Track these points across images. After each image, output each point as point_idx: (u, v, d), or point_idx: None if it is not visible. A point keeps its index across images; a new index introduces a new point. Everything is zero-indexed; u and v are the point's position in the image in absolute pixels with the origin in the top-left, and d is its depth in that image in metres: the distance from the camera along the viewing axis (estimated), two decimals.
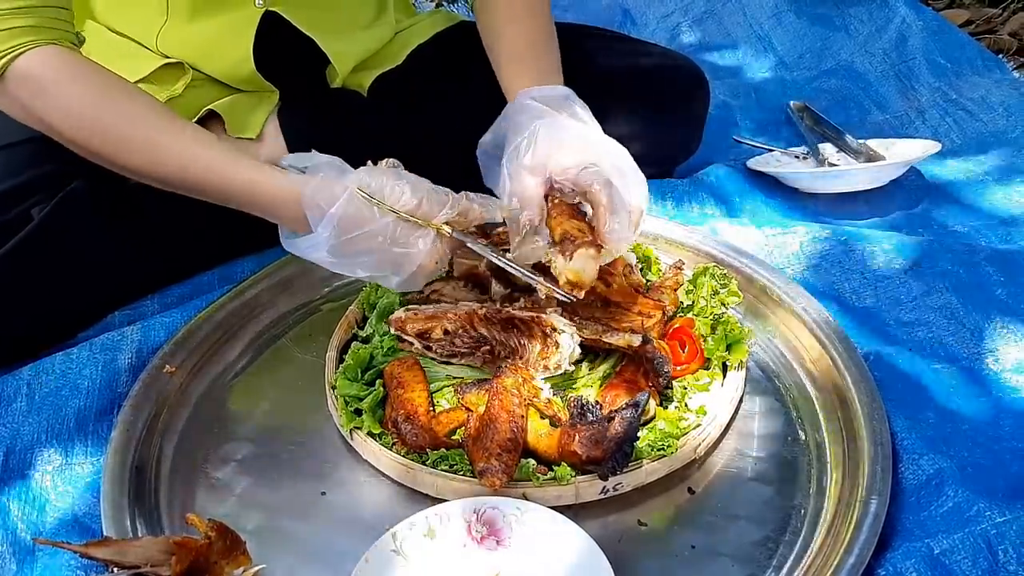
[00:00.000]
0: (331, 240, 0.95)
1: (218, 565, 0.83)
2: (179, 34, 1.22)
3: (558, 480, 0.90)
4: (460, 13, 1.84)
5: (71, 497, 0.97)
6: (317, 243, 0.96)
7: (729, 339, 1.03)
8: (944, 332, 1.09)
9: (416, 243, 0.96)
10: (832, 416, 1.00)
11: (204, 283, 1.25)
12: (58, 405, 1.04)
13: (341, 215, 0.94)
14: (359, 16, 1.33)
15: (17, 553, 0.91)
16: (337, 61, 1.27)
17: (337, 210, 0.94)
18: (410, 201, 0.95)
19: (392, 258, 0.96)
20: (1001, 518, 0.84)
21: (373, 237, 0.95)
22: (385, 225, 0.95)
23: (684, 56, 1.43)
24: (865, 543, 0.83)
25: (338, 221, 0.94)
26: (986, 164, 1.47)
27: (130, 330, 1.12)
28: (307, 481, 0.98)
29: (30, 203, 1.12)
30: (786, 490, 0.94)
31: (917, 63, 1.69)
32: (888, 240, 1.22)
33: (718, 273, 1.10)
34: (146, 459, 0.99)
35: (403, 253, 0.96)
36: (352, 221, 0.94)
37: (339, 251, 0.96)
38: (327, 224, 0.95)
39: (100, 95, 0.99)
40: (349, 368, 1.03)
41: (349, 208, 0.94)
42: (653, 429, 0.94)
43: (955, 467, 0.90)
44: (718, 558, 0.87)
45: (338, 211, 0.94)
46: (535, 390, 0.96)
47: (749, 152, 1.53)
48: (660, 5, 2.03)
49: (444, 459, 0.93)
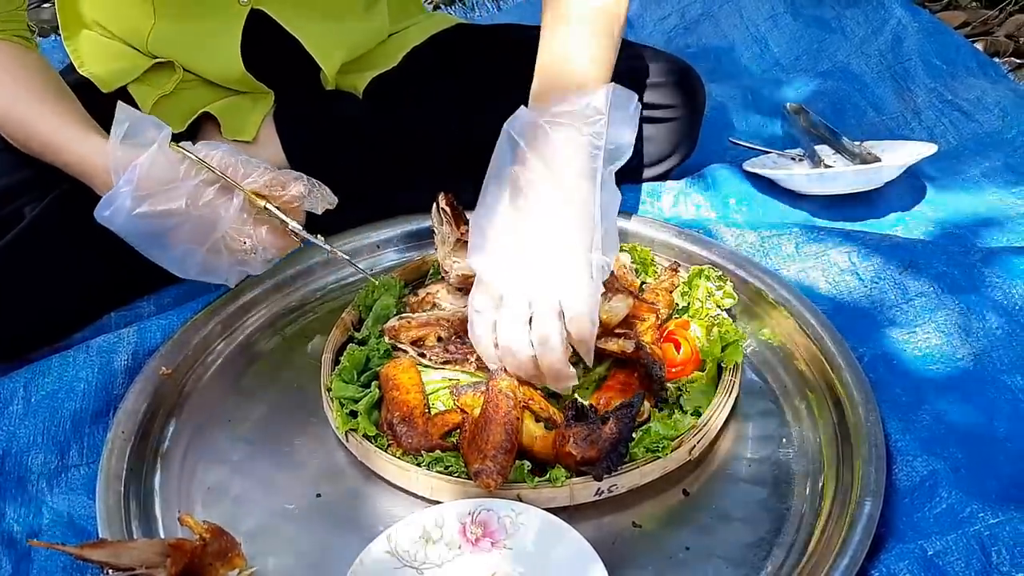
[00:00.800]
0: (133, 194, 0.92)
1: (213, 567, 0.83)
2: (168, 35, 1.22)
3: (552, 482, 0.91)
4: (457, 15, 1.85)
5: (66, 499, 0.97)
6: (119, 202, 0.93)
7: (724, 341, 1.03)
8: (938, 333, 1.09)
9: (222, 208, 0.94)
10: (826, 418, 1.00)
11: (200, 285, 1.25)
12: (54, 407, 1.04)
13: (146, 166, 0.92)
14: (348, 10, 1.32)
15: (12, 555, 0.92)
16: (322, 58, 1.27)
17: (144, 160, 0.93)
18: (221, 160, 0.95)
19: (196, 223, 0.94)
20: (995, 519, 0.84)
21: (178, 196, 0.93)
22: (192, 186, 0.93)
23: (680, 58, 1.44)
24: (859, 544, 0.83)
25: (139, 173, 0.92)
26: (982, 165, 1.47)
27: (126, 332, 1.12)
28: (302, 483, 0.98)
29: (22, 202, 1.12)
30: (780, 492, 0.94)
31: (913, 65, 1.69)
32: (883, 241, 1.22)
33: (713, 275, 1.10)
34: (141, 461, 0.99)
35: (207, 217, 0.93)
36: (157, 174, 0.93)
37: (142, 211, 0.93)
38: (129, 176, 0.92)
39: None
40: (345, 370, 1.03)
41: (157, 160, 0.93)
42: (647, 431, 0.95)
43: (949, 468, 0.90)
44: (712, 559, 0.88)
45: (144, 162, 0.92)
46: (531, 392, 0.96)
47: (745, 154, 1.53)
48: (656, 7, 2.03)
49: (439, 461, 0.93)
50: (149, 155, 0.93)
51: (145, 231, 0.96)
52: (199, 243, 0.96)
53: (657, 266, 1.17)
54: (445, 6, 2.23)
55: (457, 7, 2.21)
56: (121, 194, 0.93)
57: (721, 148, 1.56)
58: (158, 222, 0.95)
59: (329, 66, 1.30)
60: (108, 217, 0.97)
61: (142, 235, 0.97)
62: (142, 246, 1.00)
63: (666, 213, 1.35)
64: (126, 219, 0.95)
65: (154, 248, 0.99)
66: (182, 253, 0.98)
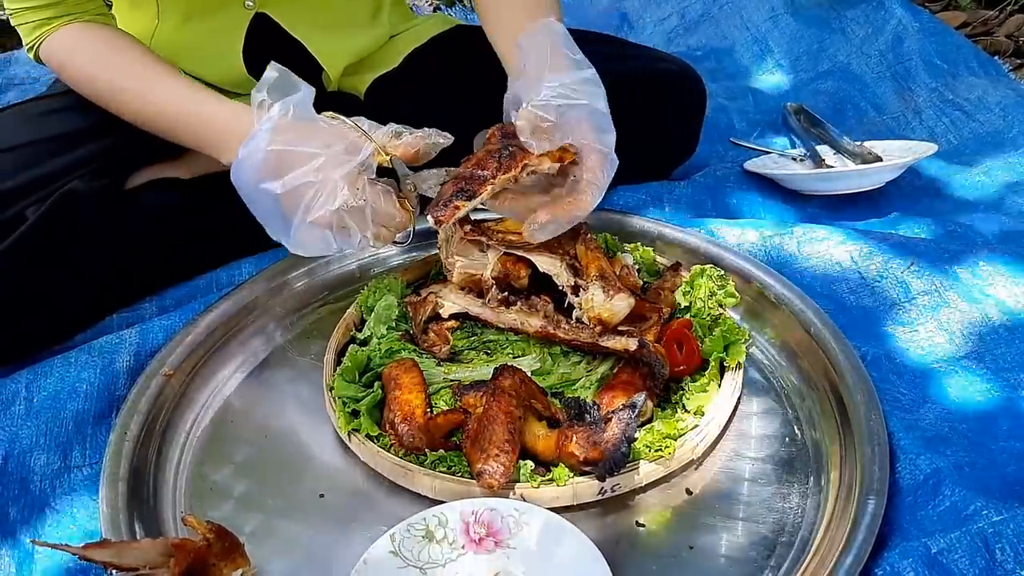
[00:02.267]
0: (270, 132, 0.93)
1: (216, 567, 0.83)
2: (172, 37, 1.23)
3: (556, 481, 0.91)
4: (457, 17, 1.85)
5: (69, 500, 0.97)
6: (257, 139, 0.94)
7: (726, 340, 1.03)
8: (941, 332, 1.09)
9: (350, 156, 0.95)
10: (829, 416, 1.00)
11: (202, 286, 1.25)
12: (56, 408, 1.04)
13: (288, 111, 0.94)
14: (353, 15, 1.33)
15: (15, 556, 0.92)
16: (326, 61, 1.27)
17: (287, 101, 0.95)
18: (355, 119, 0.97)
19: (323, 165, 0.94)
20: (998, 517, 0.84)
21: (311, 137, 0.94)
22: (329, 133, 0.95)
23: (681, 59, 1.44)
24: (863, 543, 0.83)
25: (281, 113, 0.94)
26: (983, 165, 1.47)
27: (128, 333, 1.12)
28: (305, 483, 0.98)
29: (24, 204, 1.12)
30: (783, 491, 0.94)
31: (913, 64, 1.69)
32: (885, 240, 1.22)
33: (715, 274, 1.10)
34: (144, 462, 0.98)
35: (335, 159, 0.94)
36: (297, 119, 0.95)
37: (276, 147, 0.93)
38: (270, 116, 0.94)
39: (99, 61, 1.13)
40: (347, 370, 1.03)
41: (297, 109, 0.95)
42: (651, 430, 0.95)
43: (952, 466, 0.90)
44: (716, 559, 0.87)
45: (288, 103, 0.95)
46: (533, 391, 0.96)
47: (746, 154, 1.53)
48: (657, 8, 2.03)
49: (442, 460, 0.93)
50: (291, 99, 0.95)
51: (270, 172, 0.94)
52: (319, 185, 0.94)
53: (659, 266, 1.17)
54: (445, 7, 2.23)
55: (457, 8, 2.21)
56: (262, 131, 0.95)
57: (722, 148, 1.57)
58: (288, 159, 0.94)
59: (333, 69, 1.30)
60: (242, 159, 0.95)
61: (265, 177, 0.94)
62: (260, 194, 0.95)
63: (668, 213, 1.35)
64: (260, 156, 0.94)
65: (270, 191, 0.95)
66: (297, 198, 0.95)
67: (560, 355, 1.06)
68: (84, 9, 1.14)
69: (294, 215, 0.95)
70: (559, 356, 1.06)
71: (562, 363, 1.05)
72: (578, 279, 1.04)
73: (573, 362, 1.05)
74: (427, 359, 1.06)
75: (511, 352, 1.07)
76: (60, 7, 1.12)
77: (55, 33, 1.13)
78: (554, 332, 1.03)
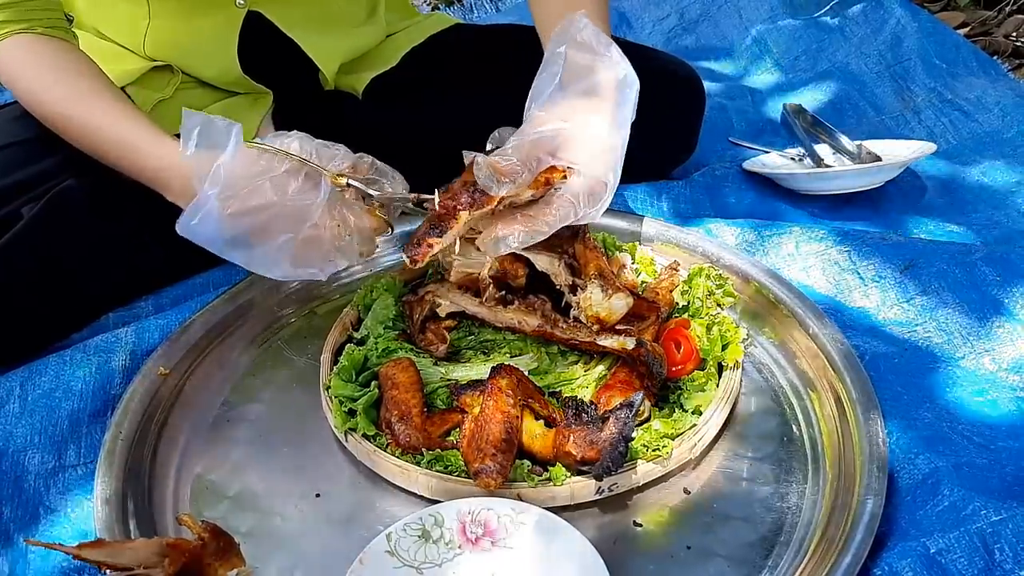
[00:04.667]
0: (220, 196, 0.90)
1: (211, 567, 0.83)
2: (164, 36, 1.22)
3: (553, 481, 0.90)
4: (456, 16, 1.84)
5: (64, 499, 0.96)
6: (208, 206, 0.91)
7: (724, 339, 1.02)
8: (939, 332, 1.09)
9: (311, 195, 0.92)
10: (827, 416, 1.00)
11: (199, 285, 1.25)
12: (51, 407, 1.04)
13: (230, 166, 0.91)
14: (349, 13, 1.32)
15: (9, 555, 0.91)
16: (320, 59, 1.27)
17: (226, 160, 0.91)
18: (300, 148, 0.94)
19: (288, 214, 0.92)
20: (997, 516, 0.83)
21: (266, 190, 0.91)
22: (278, 177, 0.92)
23: (679, 59, 1.43)
24: (861, 543, 0.83)
25: (224, 173, 0.90)
26: (982, 164, 1.47)
27: (124, 332, 1.12)
28: (301, 483, 0.97)
29: (20, 202, 1.12)
30: (782, 490, 0.93)
31: (912, 64, 1.69)
32: (884, 240, 1.22)
33: (713, 274, 1.10)
34: (140, 461, 0.98)
35: (300, 207, 0.92)
36: (242, 171, 0.91)
37: (233, 211, 0.91)
38: (215, 178, 0.90)
39: (47, 80, 1.06)
40: (344, 369, 1.02)
41: (238, 158, 0.91)
42: (648, 430, 0.94)
43: (951, 466, 0.90)
44: (714, 559, 0.87)
45: (227, 161, 0.91)
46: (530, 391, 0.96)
47: (745, 154, 1.53)
48: (656, 8, 2.03)
49: (439, 460, 0.93)
50: (230, 154, 0.91)
51: (234, 234, 0.94)
52: (291, 236, 0.94)
53: (657, 265, 1.16)
54: (444, 7, 2.23)
55: (456, 8, 2.21)
56: (208, 197, 0.91)
57: (721, 148, 1.56)
58: (249, 221, 0.93)
59: (328, 68, 1.30)
60: (196, 225, 0.93)
61: (231, 239, 0.94)
62: (229, 250, 0.96)
63: (666, 212, 1.35)
64: (217, 223, 0.92)
65: (241, 251, 0.96)
66: (274, 251, 0.95)
67: (557, 354, 1.06)
68: (38, 18, 1.07)
69: (273, 264, 0.96)
70: (556, 355, 1.05)
71: (559, 362, 1.05)
72: (576, 278, 1.03)
73: (570, 361, 1.05)
74: (424, 358, 1.06)
75: (508, 351, 1.06)
76: (11, 11, 1.05)
77: (5, 41, 1.06)
78: (552, 331, 1.03)
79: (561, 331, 1.03)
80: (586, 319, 1.01)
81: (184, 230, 0.95)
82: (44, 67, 1.06)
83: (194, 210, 0.93)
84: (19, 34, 1.05)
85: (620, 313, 1.00)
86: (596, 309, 0.99)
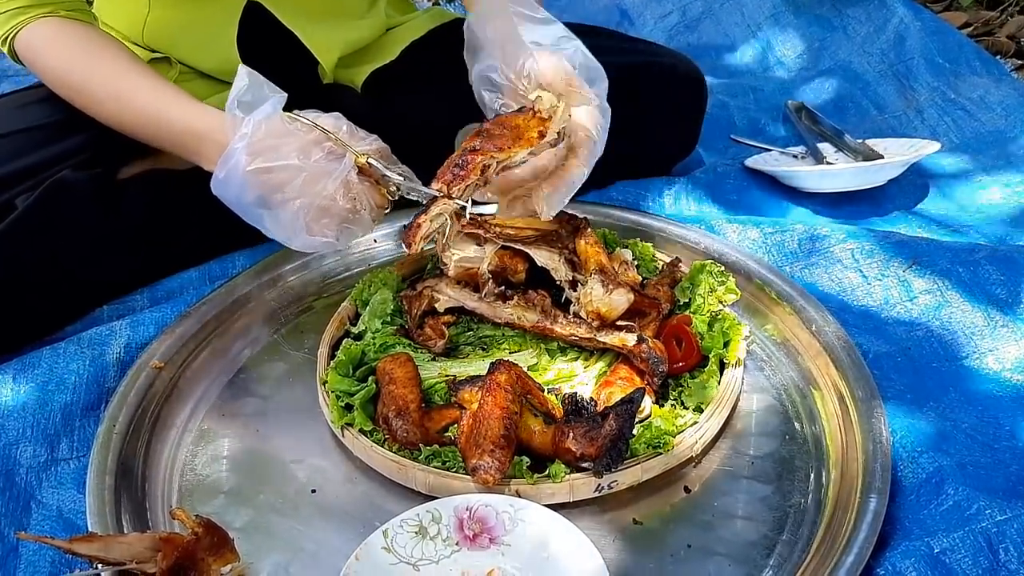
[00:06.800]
0: (247, 151, 0.92)
1: (205, 562, 0.81)
2: (164, 27, 1.21)
3: (552, 478, 0.89)
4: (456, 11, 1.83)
5: (56, 493, 0.95)
6: (235, 159, 0.93)
7: (726, 336, 1.02)
8: (943, 330, 1.08)
9: (333, 164, 0.95)
10: (830, 414, 0.99)
11: (194, 278, 1.23)
12: (44, 400, 1.02)
13: (261, 124, 0.93)
14: (348, 5, 1.32)
15: (0, 549, 0.90)
16: (319, 52, 1.26)
17: (258, 116, 0.93)
18: (332, 124, 0.96)
19: (306, 181, 0.94)
20: (1001, 516, 0.82)
21: (290, 152, 0.94)
22: (305, 143, 0.94)
23: (682, 55, 1.42)
24: (864, 542, 0.82)
25: (254, 129, 0.93)
26: (984, 163, 1.46)
27: (119, 325, 1.11)
28: (297, 478, 0.96)
29: (14, 192, 1.11)
30: (783, 489, 0.92)
31: (915, 63, 1.68)
32: (886, 239, 1.21)
33: (715, 270, 1.09)
34: (133, 455, 0.97)
35: (318, 172, 0.94)
36: (272, 131, 0.93)
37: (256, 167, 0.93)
38: (244, 132, 0.93)
39: (75, 59, 1.09)
40: (341, 364, 1.01)
41: (272, 120, 0.94)
42: (649, 426, 0.93)
43: (955, 465, 0.89)
44: (714, 557, 0.86)
45: (259, 118, 0.93)
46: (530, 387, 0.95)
47: (747, 151, 1.52)
48: (658, 5, 2.02)
49: (436, 456, 0.92)
50: (263, 111, 0.94)
51: (257, 193, 0.95)
52: (306, 202, 0.95)
53: (658, 262, 1.15)
54: (443, 1, 2.22)
55: (456, 3, 2.20)
56: (236, 150, 0.93)
57: (722, 145, 1.56)
58: (270, 179, 0.94)
59: (327, 60, 1.29)
60: (223, 180, 0.95)
61: (255, 199, 0.96)
62: (250, 210, 0.97)
63: (668, 209, 1.34)
64: (241, 179, 0.94)
65: (261, 210, 0.97)
66: (290, 215, 0.97)
67: (557, 351, 1.05)
68: (60, 2, 1.09)
69: (291, 230, 0.97)
70: (556, 352, 1.04)
71: (559, 358, 1.04)
72: (576, 274, 1.02)
73: (570, 358, 1.04)
74: (422, 354, 1.05)
75: (507, 347, 1.05)
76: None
77: (31, 25, 1.08)
78: (551, 327, 1.02)
79: (561, 327, 1.02)
80: (586, 315, 1.00)
81: (215, 187, 0.97)
82: (73, 47, 1.09)
83: (223, 163, 0.95)
84: (44, 18, 1.08)
85: (621, 309, 0.99)
86: (596, 304, 0.99)
